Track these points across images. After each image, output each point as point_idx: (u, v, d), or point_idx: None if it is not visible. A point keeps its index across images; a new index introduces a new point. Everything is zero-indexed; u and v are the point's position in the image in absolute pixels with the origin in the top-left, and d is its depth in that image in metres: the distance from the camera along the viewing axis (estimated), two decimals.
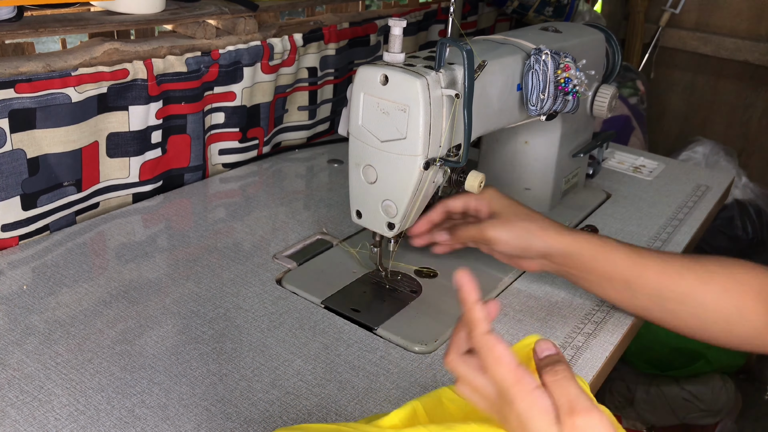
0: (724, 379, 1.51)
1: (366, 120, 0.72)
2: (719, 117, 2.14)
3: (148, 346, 0.69)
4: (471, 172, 0.75)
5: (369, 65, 0.70)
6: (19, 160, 0.83)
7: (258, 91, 1.11)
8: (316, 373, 0.67)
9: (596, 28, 1.03)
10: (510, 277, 0.86)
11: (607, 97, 0.99)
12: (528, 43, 0.84)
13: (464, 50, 0.67)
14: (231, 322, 0.74)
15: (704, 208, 1.10)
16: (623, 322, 0.78)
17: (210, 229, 0.94)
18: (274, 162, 1.18)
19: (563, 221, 1.00)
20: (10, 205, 0.84)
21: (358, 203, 0.77)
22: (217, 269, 0.84)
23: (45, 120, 0.83)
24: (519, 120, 0.86)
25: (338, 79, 1.28)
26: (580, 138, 1.05)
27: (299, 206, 1.02)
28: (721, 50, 2.05)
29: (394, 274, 0.84)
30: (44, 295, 0.77)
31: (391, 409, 0.63)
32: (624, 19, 2.20)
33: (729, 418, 1.53)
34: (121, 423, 0.60)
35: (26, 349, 0.68)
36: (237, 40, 1.05)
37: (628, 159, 1.28)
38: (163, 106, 0.97)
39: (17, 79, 0.79)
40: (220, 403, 0.63)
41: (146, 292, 0.78)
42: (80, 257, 0.85)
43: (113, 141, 0.94)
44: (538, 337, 0.49)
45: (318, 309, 0.78)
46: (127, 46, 0.91)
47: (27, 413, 0.60)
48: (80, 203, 0.93)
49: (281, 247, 0.90)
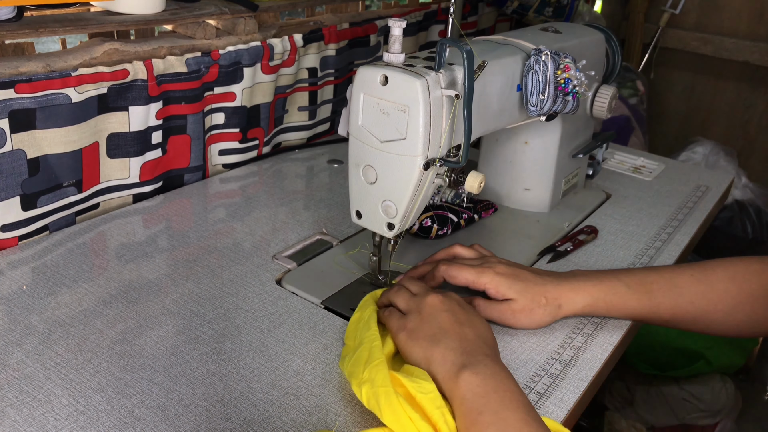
0: (724, 379, 1.51)
1: (366, 120, 0.72)
2: (719, 117, 2.14)
3: (147, 346, 0.69)
4: (471, 172, 0.75)
5: (369, 66, 0.70)
6: (19, 160, 0.83)
7: (258, 92, 1.11)
8: (315, 373, 0.67)
9: (596, 29, 1.03)
10: None
11: (607, 98, 0.99)
12: (528, 44, 0.84)
13: (464, 51, 0.67)
14: (231, 322, 0.74)
15: (704, 209, 1.10)
16: (623, 323, 0.78)
17: (210, 230, 0.94)
18: (274, 162, 1.18)
19: (563, 221, 1.01)
20: (10, 205, 0.84)
21: (358, 203, 0.77)
22: (216, 269, 0.84)
23: (45, 120, 0.83)
24: (519, 120, 0.86)
25: (338, 80, 1.28)
26: (580, 138, 1.05)
27: (299, 206, 1.02)
28: (721, 51, 2.05)
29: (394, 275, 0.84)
30: (44, 295, 0.77)
31: None
32: (624, 19, 2.20)
33: (729, 418, 1.53)
34: (120, 423, 0.60)
35: (26, 350, 0.68)
36: (237, 41, 1.05)
37: (628, 159, 1.28)
38: (164, 107, 0.97)
39: (17, 79, 0.79)
40: (220, 403, 0.63)
41: (146, 292, 0.78)
42: (80, 257, 0.85)
43: (113, 141, 0.94)
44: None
45: (318, 309, 0.78)
46: (127, 47, 0.91)
47: (26, 413, 0.60)
48: (80, 204, 0.93)
49: (281, 247, 0.90)
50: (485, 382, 0.58)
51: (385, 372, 0.60)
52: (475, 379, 0.59)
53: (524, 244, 0.95)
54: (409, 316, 0.67)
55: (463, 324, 0.65)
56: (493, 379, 0.59)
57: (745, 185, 1.92)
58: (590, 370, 0.70)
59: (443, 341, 0.63)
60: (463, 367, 0.60)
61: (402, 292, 0.71)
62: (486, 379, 0.59)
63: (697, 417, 1.49)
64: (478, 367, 0.60)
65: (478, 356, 0.61)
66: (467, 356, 0.61)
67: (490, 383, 0.58)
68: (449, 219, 0.94)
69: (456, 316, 0.66)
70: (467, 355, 0.61)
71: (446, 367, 0.61)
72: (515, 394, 0.58)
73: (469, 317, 0.67)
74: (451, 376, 0.60)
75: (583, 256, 0.92)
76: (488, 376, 0.59)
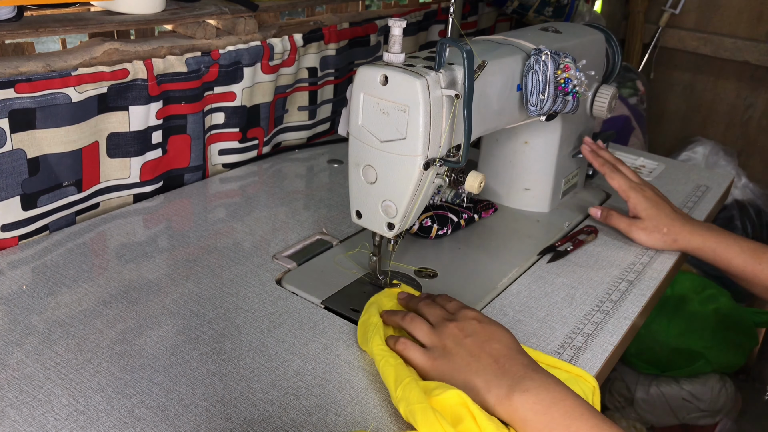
0: (724, 379, 1.51)
1: (366, 120, 0.72)
2: (719, 117, 2.14)
3: (147, 346, 0.69)
4: (471, 172, 0.75)
5: (369, 65, 0.70)
6: (19, 160, 0.83)
7: (258, 91, 1.11)
8: (315, 373, 0.67)
9: (596, 29, 1.03)
10: (509, 278, 0.86)
11: (606, 98, 0.99)
12: (528, 44, 0.84)
13: (464, 50, 0.67)
14: (231, 322, 0.74)
15: (704, 209, 1.10)
16: (623, 323, 0.78)
17: (210, 230, 0.94)
18: (274, 162, 1.18)
19: (563, 221, 1.01)
20: (10, 205, 0.84)
21: (358, 203, 0.77)
22: (216, 269, 0.84)
23: (45, 120, 0.83)
24: (519, 120, 0.86)
25: (338, 80, 1.28)
26: (579, 138, 1.05)
27: (299, 206, 1.02)
28: (721, 50, 2.05)
29: (394, 275, 0.84)
30: (44, 295, 0.77)
31: (391, 408, 0.63)
32: (624, 19, 2.20)
33: (729, 418, 1.53)
34: (120, 423, 0.60)
35: (26, 350, 0.68)
36: (237, 40, 1.05)
37: (628, 159, 1.28)
38: (164, 106, 0.97)
39: (17, 79, 0.79)
40: (220, 403, 0.63)
41: (146, 292, 0.78)
42: (80, 257, 0.85)
43: (113, 141, 0.94)
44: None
45: (318, 309, 0.78)
46: (127, 46, 0.91)
47: (26, 413, 0.60)
48: (80, 203, 0.93)
49: (281, 247, 0.90)
50: (539, 397, 0.58)
51: (417, 390, 0.59)
52: (528, 397, 0.58)
53: (524, 243, 0.95)
54: (434, 352, 0.65)
55: (489, 340, 0.64)
56: (546, 391, 0.58)
57: (745, 185, 1.93)
58: (590, 370, 0.70)
59: (479, 369, 0.62)
60: (511, 389, 0.59)
61: (418, 323, 0.69)
62: (539, 394, 0.58)
63: (697, 417, 1.49)
64: (525, 383, 0.59)
65: (519, 370, 0.60)
66: (509, 376, 0.60)
67: (545, 397, 0.57)
68: (449, 219, 0.94)
69: (478, 336, 0.65)
70: (508, 375, 0.60)
71: (494, 393, 0.59)
72: (573, 400, 0.58)
73: (489, 330, 0.66)
74: (502, 401, 0.59)
75: (583, 256, 0.92)
76: (540, 389, 0.58)
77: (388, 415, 0.62)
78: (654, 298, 0.85)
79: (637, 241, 0.94)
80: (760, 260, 0.87)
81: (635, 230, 0.94)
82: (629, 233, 0.94)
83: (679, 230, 0.91)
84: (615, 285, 0.86)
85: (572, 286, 0.85)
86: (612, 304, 0.82)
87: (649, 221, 0.93)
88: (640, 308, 0.81)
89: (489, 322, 0.67)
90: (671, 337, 1.47)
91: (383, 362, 0.64)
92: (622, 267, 0.90)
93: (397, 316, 0.71)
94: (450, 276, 0.86)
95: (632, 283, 0.86)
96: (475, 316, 0.68)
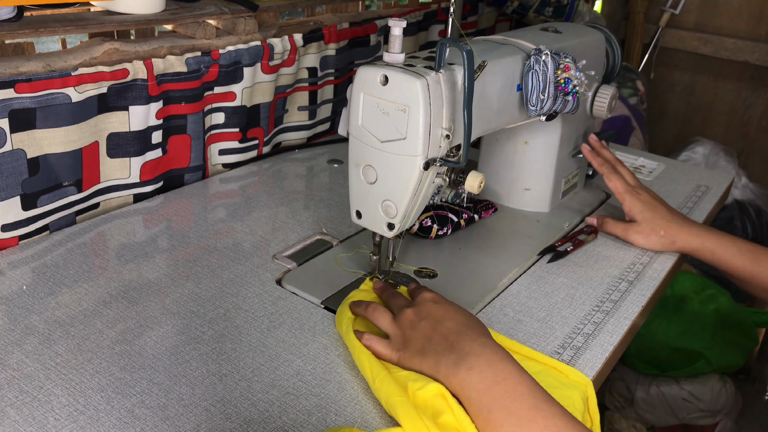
0: (724, 379, 1.51)
1: (366, 120, 0.72)
2: (719, 117, 2.14)
3: (147, 346, 0.69)
4: (471, 172, 0.75)
5: (369, 65, 0.70)
6: (19, 160, 0.83)
7: (258, 91, 1.11)
8: (315, 373, 0.67)
9: (596, 29, 1.03)
10: (509, 278, 0.86)
11: (607, 98, 1.00)
12: (528, 44, 0.84)
13: (464, 50, 0.67)
14: (231, 322, 0.74)
15: (704, 209, 1.10)
16: (623, 323, 0.78)
17: (210, 230, 0.94)
18: (274, 162, 1.18)
19: (562, 221, 1.01)
20: (10, 205, 0.84)
21: (358, 203, 0.77)
22: (216, 269, 0.84)
23: (45, 120, 0.83)
24: (519, 120, 0.86)
25: (338, 80, 1.28)
26: (580, 138, 1.05)
27: (299, 206, 1.02)
28: (721, 50, 2.05)
29: (394, 275, 0.84)
30: (44, 295, 0.77)
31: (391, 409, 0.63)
32: (624, 19, 2.20)
33: (729, 418, 1.53)
34: (120, 423, 0.60)
35: (26, 350, 0.68)
36: (237, 40, 1.05)
37: (627, 159, 1.28)
38: (164, 106, 0.97)
39: (17, 79, 0.79)
40: (220, 403, 0.63)
41: (146, 292, 0.78)
42: (80, 257, 0.85)
43: (113, 141, 0.94)
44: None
45: (318, 309, 0.78)
46: (127, 46, 0.91)
47: (26, 413, 0.60)
48: (80, 203, 0.93)
49: (281, 247, 0.90)
50: (483, 375, 0.58)
51: (393, 384, 0.61)
52: (472, 376, 0.58)
53: (524, 243, 0.95)
54: (395, 343, 0.66)
55: (442, 320, 0.65)
56: (489, 368, 0.58)
57: (745, 185, 1.93)
58: (590, 370, 0.70)
59: (430, 350, 0.63)
60: (456, 364, 0.59)
61: (379, 314, 0.70)
62: (483, 372, 0.58)
63: (697, 417, 1.49)
64: (469, 359, 0.59)
65: (466, 345, 0.61)
66: (456, 352, 0.61)
67: (488, 375, 0.58)
68: (449, 219, 0.94)
69: (432, 318, 0.66)
70: (456, 350, 0.61)
71: (443, 372, 0.60)
72: (517, 378, 0.58)
73: (444, 310, 0.67)
74: (450, 378, 0.60)
75: (583, 256, 0.92)
76: (484, 366, 0.59)
77: (388, 415, 0.62)
78: (654, 298, 0.85)
79: (636, 244, 0.94)
80: (759, 262, 0.87)
81: (632, 234, 0.94)
82: (626, 238, 0.95)
83: (677, 231, 0.92)
84: (615, 285, 0.86)
85: (572, 286, 0.85)
86: (612, 304, 0.82)
87: (645, 224, 0.93)
88: (640, 308, 0.81)
89: (444, 302, 0.68)
90: (671, 337, 1.47)
91: (356, 355, 0.67)
92: (621, 267, 0.90)
93: (360, 307, 0.72)
94: (450, 276, 0.86)
95: (632, 283, 0.86)
96: (431, 298, 0.69)
